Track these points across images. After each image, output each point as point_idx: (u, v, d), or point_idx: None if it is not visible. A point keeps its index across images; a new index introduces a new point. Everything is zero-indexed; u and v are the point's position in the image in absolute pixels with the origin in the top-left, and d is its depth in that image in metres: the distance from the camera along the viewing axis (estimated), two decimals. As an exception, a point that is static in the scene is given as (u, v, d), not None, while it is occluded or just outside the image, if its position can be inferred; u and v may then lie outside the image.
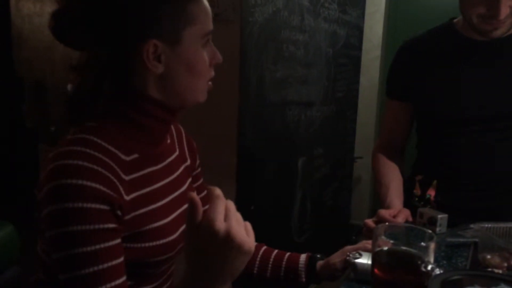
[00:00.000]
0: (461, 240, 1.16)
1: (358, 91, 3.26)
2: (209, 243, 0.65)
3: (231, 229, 0.64)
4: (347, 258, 0.99)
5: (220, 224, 0.64)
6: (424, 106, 1.39)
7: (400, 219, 1.16)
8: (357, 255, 0.98)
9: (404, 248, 0.80)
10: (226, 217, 0.65)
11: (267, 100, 2.06)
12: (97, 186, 0.72)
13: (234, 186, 1.91)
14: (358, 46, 3.12)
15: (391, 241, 0.79)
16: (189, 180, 1.01)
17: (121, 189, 0.77)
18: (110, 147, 0.78)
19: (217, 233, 0.64)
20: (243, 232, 0.66)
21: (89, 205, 0.71)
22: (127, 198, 0.78)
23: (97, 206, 0.72)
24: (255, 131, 2.00)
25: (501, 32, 1.23)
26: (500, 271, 0.97)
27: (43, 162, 0.78)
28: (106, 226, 0.73)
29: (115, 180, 0.76)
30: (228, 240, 0.64)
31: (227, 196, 0.68)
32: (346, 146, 3.18)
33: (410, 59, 1.40)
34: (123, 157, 0.80)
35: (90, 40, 0.81)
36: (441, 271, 0.74)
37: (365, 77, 3.46)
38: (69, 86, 0.87)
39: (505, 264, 0.96)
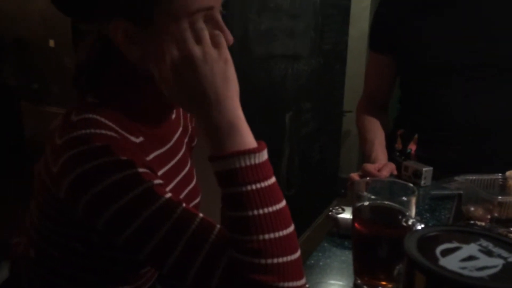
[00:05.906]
0: (446, 192, 1.15)
1: (347, 43, 3.19)
2: None
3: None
4: (330, 213, 0.98)
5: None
6: (406, 57, 1.35)
7: (385, 173, 1.15)
8: (340, 210, 0.97)
9: (385, 202, 0.78)
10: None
11: (252, 53, 2.00)
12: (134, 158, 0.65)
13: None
14: (347, -4, 3.03)
15: (373, 196, 0.78)
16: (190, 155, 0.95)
17: None
18: (120, 131, 0.69)
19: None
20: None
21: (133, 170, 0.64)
22: None
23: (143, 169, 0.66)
24: (240, 86, 1.95)
25: None
26: (483, 223, 0.97)
27: (27, 120, 0.70)
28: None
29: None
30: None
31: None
32: (334, 100, 3.15)
33: (393, 9, 1.35)
34: (133, 139, 0.72)
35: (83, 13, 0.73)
36: (422, 225, 0.73)
37: (355, 28, 3.37)
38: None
39: (488, 216, 0.96)
